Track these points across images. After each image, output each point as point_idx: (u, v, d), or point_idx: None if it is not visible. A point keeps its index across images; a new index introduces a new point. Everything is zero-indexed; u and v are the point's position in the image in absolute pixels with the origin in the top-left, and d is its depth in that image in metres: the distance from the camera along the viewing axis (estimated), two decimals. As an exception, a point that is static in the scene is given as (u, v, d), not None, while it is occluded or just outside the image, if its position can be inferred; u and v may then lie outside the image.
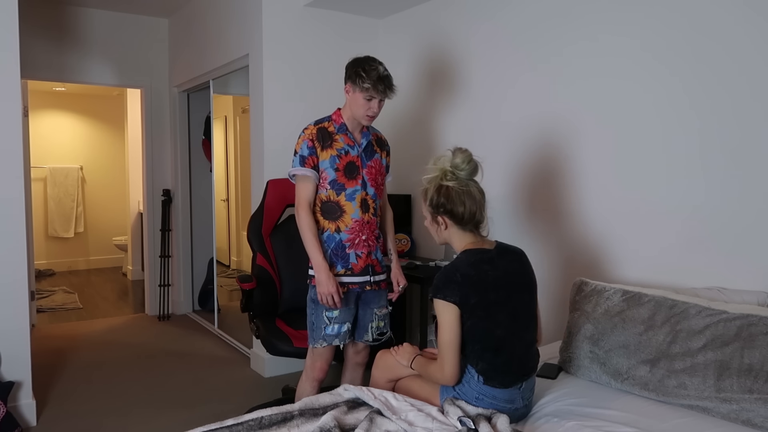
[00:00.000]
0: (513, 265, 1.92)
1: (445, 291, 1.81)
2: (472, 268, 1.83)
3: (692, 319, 1.99)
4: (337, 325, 2.40)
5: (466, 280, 1.81)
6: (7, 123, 2.94)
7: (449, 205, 1.89)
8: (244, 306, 3.04)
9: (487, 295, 1.82)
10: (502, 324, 1.84)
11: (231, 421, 1.69)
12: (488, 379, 1.84)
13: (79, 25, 4.88)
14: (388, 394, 1.86)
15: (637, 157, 2.54)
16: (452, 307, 1.79)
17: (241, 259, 6.70)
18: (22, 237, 2.99)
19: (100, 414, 3.17)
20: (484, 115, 3.29)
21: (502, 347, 1.84)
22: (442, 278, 1.83)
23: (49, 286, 6.67)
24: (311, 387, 2.48)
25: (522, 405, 1.90)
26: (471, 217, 1.90)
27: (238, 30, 3.94)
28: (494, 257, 1.89)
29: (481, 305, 1.81)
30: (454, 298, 1.79)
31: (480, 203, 1.92)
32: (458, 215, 1.89)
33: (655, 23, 2.44)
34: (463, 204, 1.88)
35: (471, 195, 1.90)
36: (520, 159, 3.09)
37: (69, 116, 7.72)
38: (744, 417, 1.77)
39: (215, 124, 5.11)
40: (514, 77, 3.10)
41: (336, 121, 2.43)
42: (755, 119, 2.15)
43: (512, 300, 1.87)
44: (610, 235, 2.66)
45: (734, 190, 2.21)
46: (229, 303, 5.58)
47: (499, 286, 1.85)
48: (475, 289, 1.81)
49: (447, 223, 1.93)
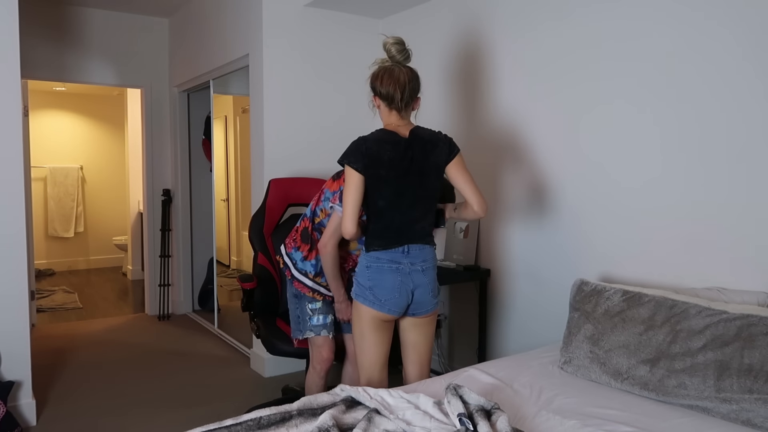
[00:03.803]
0: (416, 152, 2.15)
1: (350, 158, 2.12)
2: (375, 144, 2.12)
3: (692, 319, 1.99)
4: (321, 316, 2.60)
5: (368, 153, 2.11)
6: (7, 123, 2.94)
7: (374, 83, 2.17)
8: (244, 305, 3.04)
9: (378, 171, 2.12)
10: (385, 197, 2.14)
11: (230, 421, 1.69)
12: (370, 245, 2.19)
13: (79, 25, 4.88)
14: (383, 392, 1.86)
15: (637, 156, 2.54)
16: (354, 172, 2.11)
17: (241, 258, 6.70)
18: (22, 237, 3.00)
19: (99, 413, 3.17)
20: (485, 116, 3.29)
21: (381, 216, 2.17)
22: (352, 147, 2.14)
23: (49, 285, 6.67)
24: (318, 377, 2.62)
25: (411, 269, 2.16)
26: (392, 95, 2.13)
27: (238, 30, 3.94)
28: (401, 142, 2.14)
29: (372, 177, 2.12)
30: (356, 165, 2.11)
31: (403, 82, 2.12)
32: (383, 94, 2.15)
33: (659, 19, 2.44)
34: (384, 81, 2.13)
35: (393, 74, 2.13)
36: (519, 158, 3.09)
37: (69, 116, 7.73)
38: (744, 417, 1.76)
39: (215, 124, 5.11)
40: (516, 78, 3.10)
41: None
42: (755, 119, 2.14)
43: (400, 181, 2.14)
44: (610, 235, 2.66)
45: (734, 190, 2.21)
46: (229, 303, 5.58)
47: (391, 166, 2.12)
48: (371, 162, 2.11)
49: (379, 103, 2.19)
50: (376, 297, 2.18)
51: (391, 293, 2.17)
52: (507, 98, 3.15)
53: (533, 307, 3.04)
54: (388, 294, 2.17)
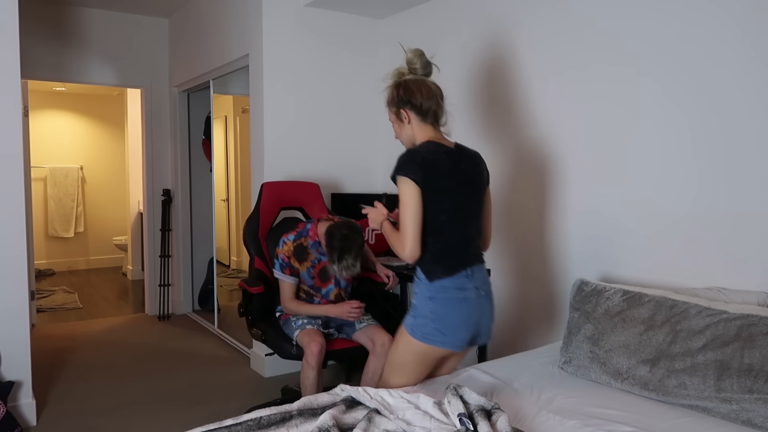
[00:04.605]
0: (467, 164, 2.04)
1: (406, 169, 1.92)
2: (431, 155, 1.96)
3: (692, 319, 1.99)
4: (305, 320, 2.81)
5: (425, 163, 1.93)
6: (7, 123, 2.94)
7: (407, 96, 2.00)
8: (243, 310, 3.03)
9: (438, 182, 1.94)
10: (446, 211, 1.96)
11: (230, 421, 1.69)
12: (432, 273, 1.96)
13: (79, 25, 4.88)
14: (383, 392, 1.86)
15: (637, 157, 2.54)
16: (413, 185, 1.90)
17: (241, 259, 6.70)
18: (22, 237, 2.99)
19: (99, 413, 3.17)
20: (484, 116, 3.29)
21: (441, 233, 1.97)
22: (404, 159, 1.95)
23: (49, 286, 6.67)
24: (310, 369, 2.67)
25: (477, 294, 2.00)
26: (429, 108, 2.00)
27: (238, 30, 3.94)
28: (452, 152, 2.02)
29: (432, 189, 1.93)
30: (415, 177, 1.90)
31: (438, 95, 2.03)
32: (418, 105, 2.00)
33: (651, 25, 2.44)
34: (422, 94, 2.00)
35: (428, 86, 2.02)
36: (520, 158, 3.09)
37: (69, 116, 7.73)
38: (744, 417, 1.76)
39: (215, 124, 5.11)
40: (516, 77, 3.10)
41: (312, 237, 2.90)
42: (756, 118, 2.14)
43: (459, 193, 1.99)
44: (610, 235, 2.66)
45: (734, 190, 2.21)
46: (229, 303, 5.58)
47: (450, 176, 1.97)
48: (431, 173, 1.93)
49: (410, 116, 2.03)
50: (440, 332, 1.96)
51: (457, 329, 1.97)
52: (507, 96, 3.15)
53: (533, 307, 3.04)
54: (453, 330, 1.96)
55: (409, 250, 1.91)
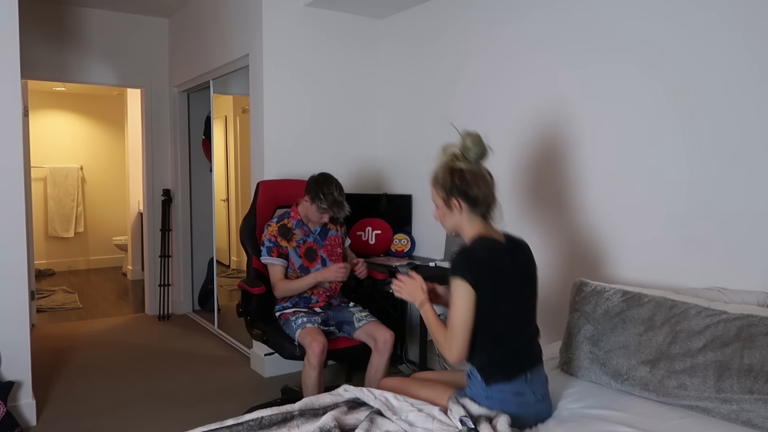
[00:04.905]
0: (521, 259, 1.92)
1: (464, 272, 1.78)
2: (489, 255, 1.83)
3: (692, 319, 1.99)
4: (305, 319, 2.80)
5: (483, 265, 1.80)
6: (7, 123, 2.94)
7: (463, 187, 1.87)
8: (242, 311, 3.02)
9: (497, 285, 1.81)
10: (506, 316, 1.83)
11: (231, 421, 1.69)
12: (490, 377, 1.83)
13: (79, 25, 4.88)
14: (388, 394, 1.86)
15: (636, 156, 2.54)
16: (469, 288, 1.77)
17: (241, 259, 6.70)
18: (22, 237, 2.99)
19: (99, 414, 3.17)
20: (485, 116, 3.29)
21: (504, 339, 1.84)
22: (462, 259, 1.81)
23: (49, 286, 6.67)
24: (311, 369, 2.66)
25: (535, 399, 1.85)
26: (484, 200, 1.88)
27: (238, 30, 3.94)
28: (508, 249, 1.89)
29: (491, 293, 1.79)
30: (472, 281, 1.77)
31: (492, 187, 1.91)
32: (472, 197, 1.87)
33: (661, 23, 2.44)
34: (477, 185, 1.87)
35: (485, 178, 1.90)
36: (521, 160, 3.09)
37: (69, 116, 7.73)
38: (744, 417, 1.76)
39: (215, 124, 5.11)
40: (516, 77, 3.10)
41: (294, 218, 2.99)
42: (756, 118, 2.14)
43: (518, 293, 1.88)
44: (610, 235, 2.66)
45: (734, 190, 2.21)
46: (229, 303, 5.58)
47: (510, 278, 1.85)
48: (489, 276, 1.80)
49: (462, 206, 1.89)
50: None
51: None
52: (511, 99, 3.15)
53: (533, 308, 3.04)
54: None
55: (457, 354, 1.79)
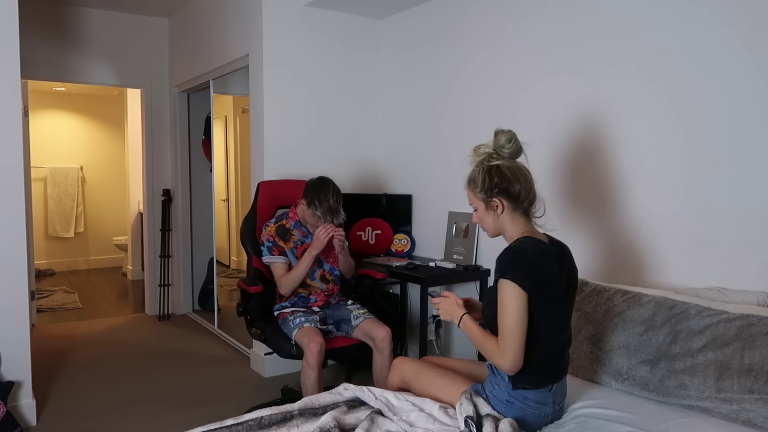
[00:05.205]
0: (567, 265, 1.86)
1: (516, 273, 1.71)
2: (539, 257, 1.75)
3: (692, 319, 1.99)
4: (302, 318, 2.79)
5: (534, 267, 1.73)
6: (7, 123, 2.94)
7: (504, 184, 1.81)
8: (242, 310, 3.02)
9: (543, 288, 1.74)
10: (545, 320, 1.76)
11: (231, 421, 1.69)
12: (518, 381, 1.78)
13: (79, 25, 4.88)
14: (389, 394, 1.86)
15: (636, 156, 2.54)
16: (521, 291, 1.70)
17: (241, 259, 6.70)
18: (22, 237, 2.99)
19: (99, 414, 3.17)
20: (485, 117, 3.29)
21: (540, 343, 1.77)
22: (513, 260, 1.74)
23: (49, 286, 6.67)
24: (310, 369, 2.66)
25: (552, 409, 1.84)
26: (526, 195, 1.82)
27: (238, 30, 3.94)
28: (555, 252, 1.82)
29: (539, 297, 1.73)
30: (524, 283, 1.70)
31: (531, 181, 1.85)
32: (515, 194, 1.81)
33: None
34: (518, 181, 1.81)
35: (523, 172, 1.84)
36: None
37: (69, 116, 7.73)
38: (744, 417, 1.77)
39: (215, 124, 5.11)
40: (518, 77, 3.10)
41: (292, 219, 3.00)
42: (755, 118, 2.14)
43: (562, 299, 1.81)
44: (609, 235, 2.66)
45: (734, 190, 2.21)
46: (229, 303, 5.58)
47: (555, 280, 1.78)
48: (539, 278, 1.73)
49: (504, 205, 1.83)
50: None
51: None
52: (512, 99, 3.15)
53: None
54: None
55: (513, 360, 1.71)
